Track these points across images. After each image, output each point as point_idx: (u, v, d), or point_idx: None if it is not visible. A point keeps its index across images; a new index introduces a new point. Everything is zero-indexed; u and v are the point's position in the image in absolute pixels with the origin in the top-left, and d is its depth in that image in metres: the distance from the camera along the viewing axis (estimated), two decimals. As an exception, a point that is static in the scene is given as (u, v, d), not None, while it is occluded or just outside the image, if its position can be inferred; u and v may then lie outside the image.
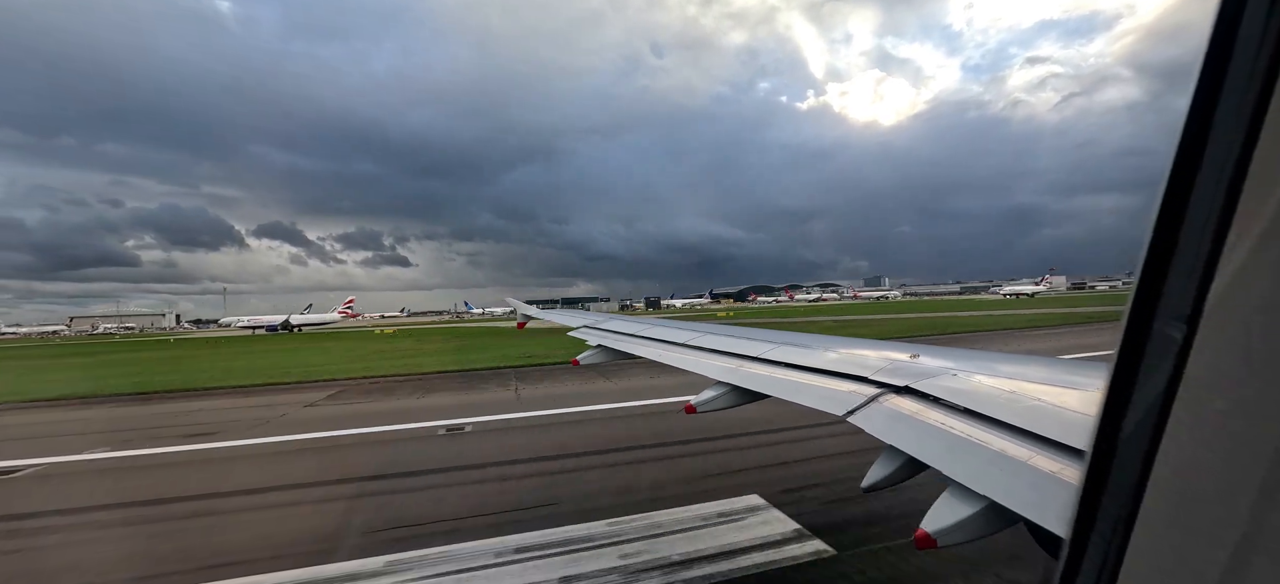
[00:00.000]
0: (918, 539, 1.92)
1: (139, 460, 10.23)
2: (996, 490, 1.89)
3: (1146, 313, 0.90)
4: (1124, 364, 0.94)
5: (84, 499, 8.23)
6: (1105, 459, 0.98)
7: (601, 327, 7.69)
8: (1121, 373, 0.94)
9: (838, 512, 6.41)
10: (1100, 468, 0.99)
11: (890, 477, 2.44)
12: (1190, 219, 0.83)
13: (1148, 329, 0.90)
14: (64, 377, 26.72)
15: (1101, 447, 0.99)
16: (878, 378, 3.07)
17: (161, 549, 6.34)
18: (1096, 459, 1.00)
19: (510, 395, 15.13)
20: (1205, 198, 0.81)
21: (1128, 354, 0.93)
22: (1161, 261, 0.87)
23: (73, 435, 12.72)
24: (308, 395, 16.81)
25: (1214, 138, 0.80)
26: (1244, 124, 0.75)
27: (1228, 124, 0.78)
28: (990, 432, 2.21)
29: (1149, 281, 0.89)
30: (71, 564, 6.05)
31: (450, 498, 7.50)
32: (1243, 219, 0.76)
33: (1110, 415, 0.97)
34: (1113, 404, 0.96)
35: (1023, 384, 2.54)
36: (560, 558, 5.57)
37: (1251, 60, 0.76)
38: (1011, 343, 24.92)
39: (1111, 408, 0.97)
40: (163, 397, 18.21)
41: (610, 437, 10.41)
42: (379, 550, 5.88)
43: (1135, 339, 0.92)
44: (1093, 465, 1.00)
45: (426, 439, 10.81)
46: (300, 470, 9.23)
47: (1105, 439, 0.98)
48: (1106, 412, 0.98)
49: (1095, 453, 1.00)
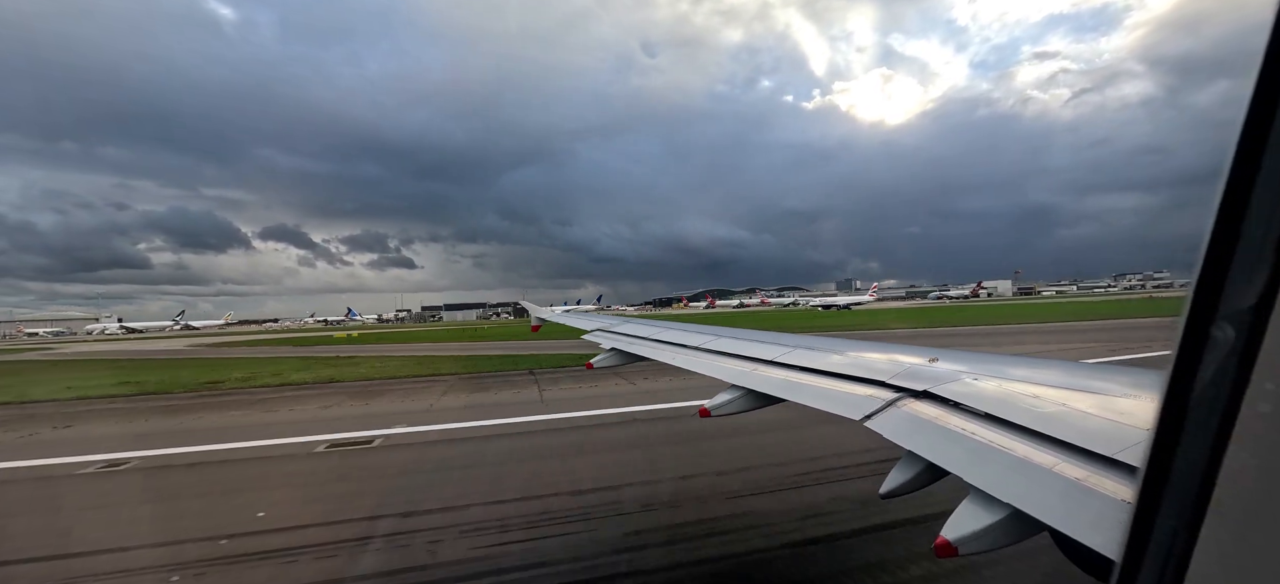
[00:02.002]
0: (938, 547, 1.89)
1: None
2: (1019, 498, 1.85)
3: (1206, 316, 0.86)
4: (1181, 371, 0.90)
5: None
6: (1162, 473, 0.94)
7: (615, 330, 7.70)
8: (1179, 380, 0.90)
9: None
10: (1156, 482, 0.95)
11: (909, 483, 2.41)
12: (1252, 216, 0.80)
13: (1206, 334, 0.86)
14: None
15: (1158, 459, 0.94)
16: (896, 382, 3.03)
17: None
18: (1152, 472, 0.95)
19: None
20: (1268, 193, 0.78)
21: (1186, 361, 0.89)
22: (1222, 262, 0.83)
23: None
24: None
25: (1276, 131, 0.77)
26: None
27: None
28: (1012, 437, 2.17)
29: (1208, 283, 0.85)
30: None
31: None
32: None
33: (1167, 426, 0.93)
34: (1169, 414, 0.92)
35: (1044, 389, 2.49)
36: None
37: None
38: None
39: (1168, 418, 0.92)
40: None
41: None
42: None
43: (1194, 345, 0.87)
44: (1148, 480, 0.96)
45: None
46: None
47: (1162, 451, 0.93)
48: (1163, 422, 0.93)
49: (1151, 466, 0.95)
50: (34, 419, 15.22)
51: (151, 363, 33.19)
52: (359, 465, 9.68)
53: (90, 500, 8.43)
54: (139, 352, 46.45)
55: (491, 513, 7.13)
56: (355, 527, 6.89)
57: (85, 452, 11.01)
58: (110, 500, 8.43)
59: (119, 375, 25.74)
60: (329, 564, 5.96)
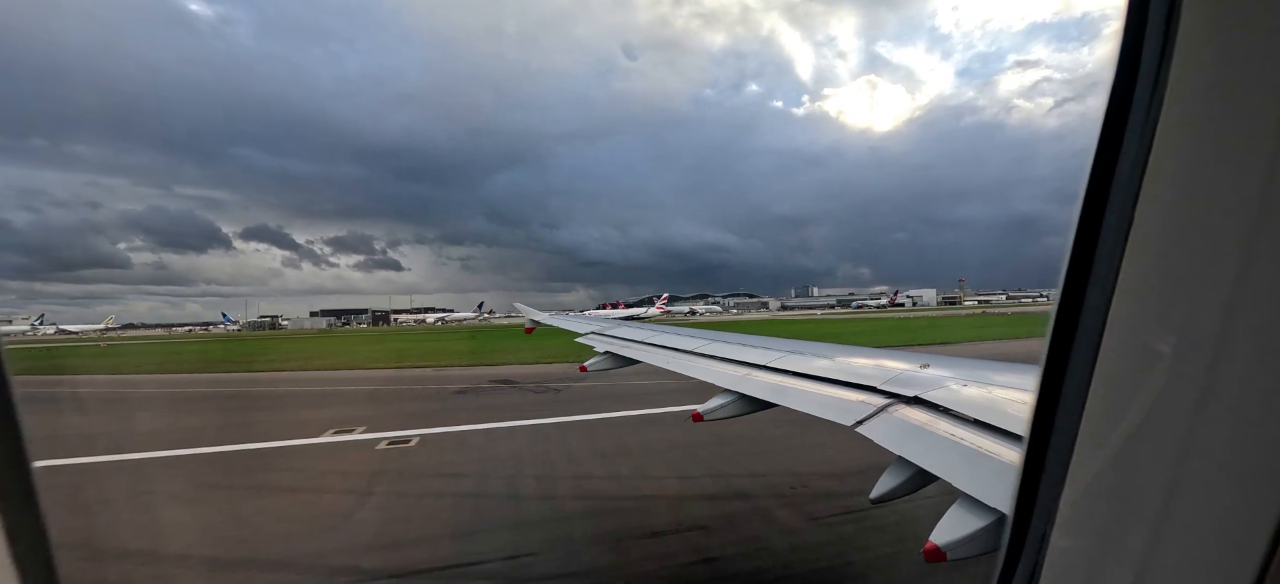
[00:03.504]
0: (927, 552, 1.90)
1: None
2: (1008, 503, 1.87)
3: (1069, 320, 0.98)
4: (1051, 366, 1.03)
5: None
6: (1038, 455, 1.08)
7: (608, 333, 7.71)
8: (1050, 374, 1.03)
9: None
10: (1035, 461, 1.09)
11: (899, 488, 2.43)
12: (1106, 226, 0.90)
13: (1070, 334, 0.97)
14: None
15: (1036, 439, 1.08)
16: (887, 388, 3.05)
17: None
18: (1032, 449, 1.09)
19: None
20: (1117, 204, 0.88)
21: (1054, 356, 1.02)
22: (1081, 268, 0.94)
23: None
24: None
25: (1126, 146, 0.86)
26: (1150, 129, 0.81)
27: (1135, 128, 0.84)
28: (1001, 443, 2.19)
29: (1070, 288, 0.96)
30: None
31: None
32: (1141, 224, 0.83)
33: (1041, 415, 1.06)
34: (1043, 404, 1.06)
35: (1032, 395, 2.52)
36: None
37: (1154, 66, 0.81)
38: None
39: (1042, 407, 1.06)
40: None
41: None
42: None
43: (1060, 343, 1.00)
44: (1028, 459, 1.10)
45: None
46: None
47: (1038, 431, 1.07)
48: (1038, 411, 1.07)
49: (1031, 445, 1.10)
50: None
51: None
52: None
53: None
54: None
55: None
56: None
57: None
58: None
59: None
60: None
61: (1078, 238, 0.93)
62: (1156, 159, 0.79)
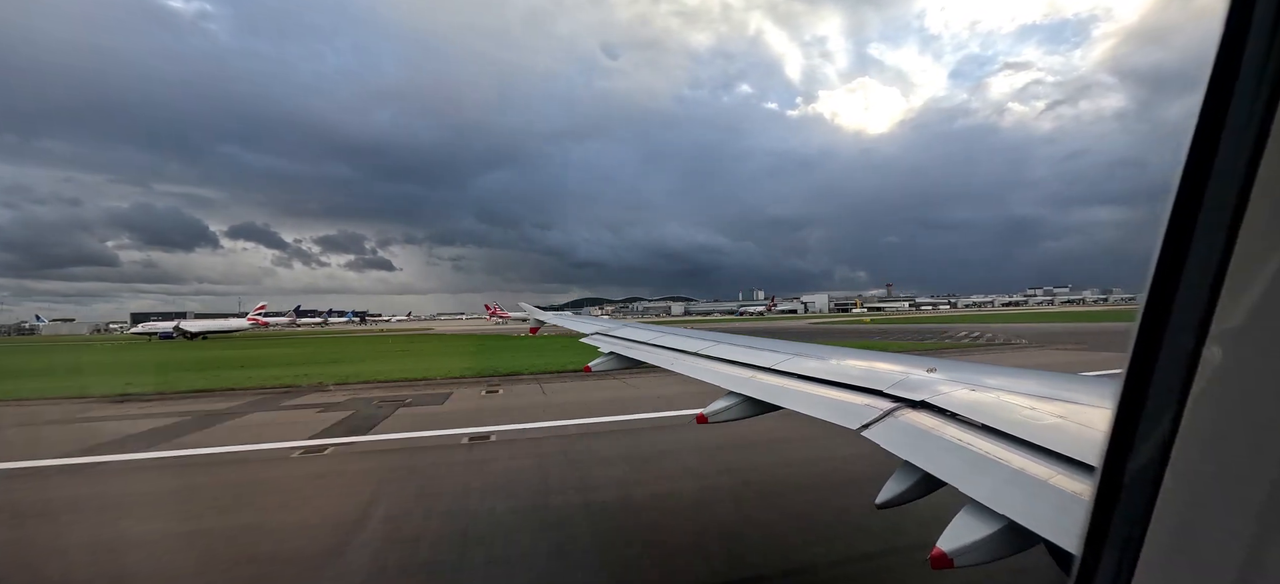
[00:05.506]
0: (933, 559, 1.88)
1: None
2: (1016, 510, 1.85)
3: (1157, 326, 0.88)
4: (1134, 378, 0.93)
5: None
6: (1117, 474, 0.97)
7: (613, 334, 7.71)
8: (1132, 387, 0.93)
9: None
10: (1112, 483, 0.98)
11: (905, 493, 2.40)
12: (1201, 227, 0.81)
13: (1158, 342, 0.88)
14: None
15: (1113, 462, 0.98)
16: (893, 392, 3.02)
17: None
18: (1108, 474, 0.99)
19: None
20: (1215, 206, 0.79)
21: (1138, 368, 0.92)
22: (1172, 273, 0.85)
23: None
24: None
25: (1224, 142, 0.78)
26: (1254, 128, 0.74)
27: (1237, 128, 0.77)
28: (1009, 449, 2.16)
29: (1159, 294, 0.87)
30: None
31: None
32: (1250, 227, 0.74)
33: (1121, 431, 0.96)
34: (1123, 419, 0.95)
35: (1042, 402, 2.49)
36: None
37: (1260, 63, 0.74)
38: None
39: (1122, 423, 0.95)
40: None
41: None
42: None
43: (1146, 353, 0.90)
44: (1104, 481, 0.99)
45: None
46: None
47: (1117, 454, 0.97)
48: (1117, 427, 0.97)
49: (1107, 468, 0.99)
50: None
51: None
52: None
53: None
54: None
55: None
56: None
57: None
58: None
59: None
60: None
61: (1166, 241, 0.84)
62: (1272, 156, 0.72)
